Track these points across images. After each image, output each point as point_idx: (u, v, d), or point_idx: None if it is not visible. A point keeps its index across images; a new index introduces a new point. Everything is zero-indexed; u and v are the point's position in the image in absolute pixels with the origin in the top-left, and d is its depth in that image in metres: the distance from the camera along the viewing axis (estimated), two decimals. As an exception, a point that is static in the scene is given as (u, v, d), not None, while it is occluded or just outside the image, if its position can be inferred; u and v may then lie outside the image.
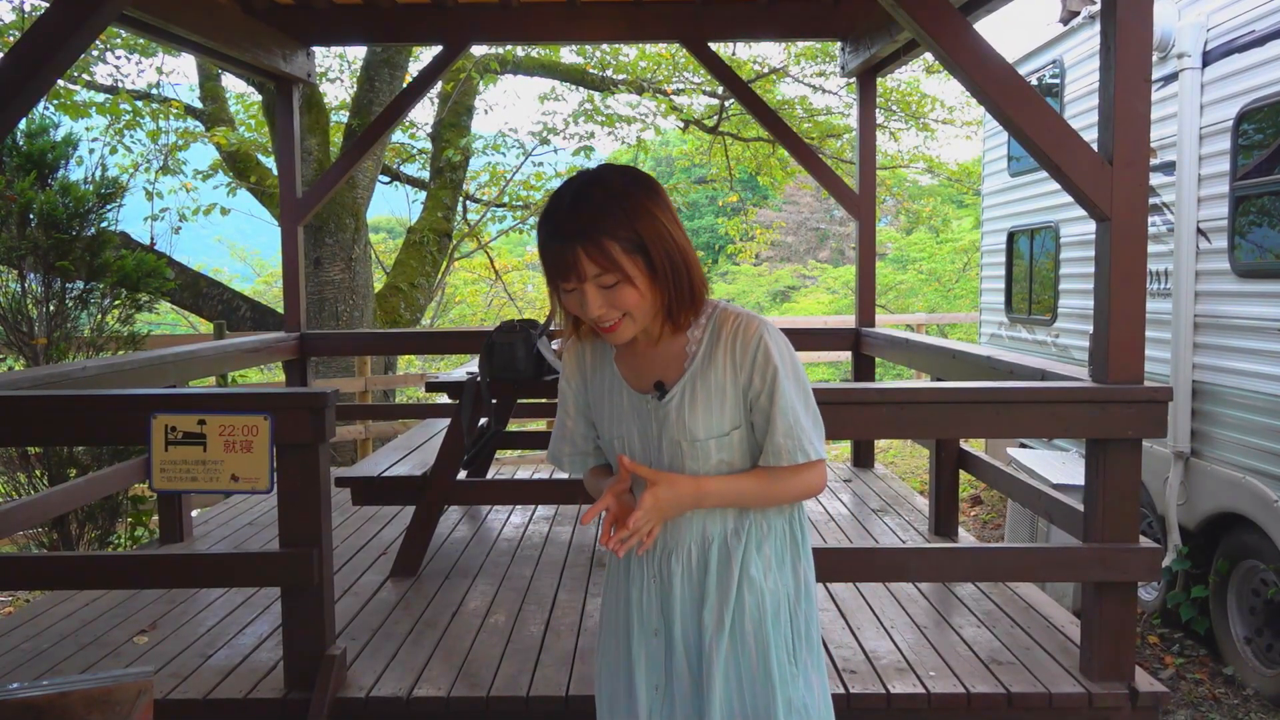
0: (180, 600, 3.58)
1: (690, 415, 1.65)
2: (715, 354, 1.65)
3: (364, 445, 7.89)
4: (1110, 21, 2.69)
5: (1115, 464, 2.74)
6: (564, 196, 1.58)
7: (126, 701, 1.68)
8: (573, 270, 1.56)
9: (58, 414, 2.82)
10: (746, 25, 5.00)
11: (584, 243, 1.54)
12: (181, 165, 9.49)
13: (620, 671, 1.76)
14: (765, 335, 1.64)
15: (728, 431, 1.66)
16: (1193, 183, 4.77)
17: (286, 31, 4.91)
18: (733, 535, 1.70)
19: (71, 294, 5.23)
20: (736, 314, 1.67)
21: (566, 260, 1.55)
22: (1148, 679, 2.81)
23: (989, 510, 7.89)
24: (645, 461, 1.70)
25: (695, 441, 1.65)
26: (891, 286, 18.70)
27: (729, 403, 1.65)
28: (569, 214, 1.56)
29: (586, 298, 1.57)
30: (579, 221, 1.55)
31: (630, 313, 1.60)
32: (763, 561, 1.70)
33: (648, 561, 1.73)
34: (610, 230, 1.54)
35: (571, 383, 1.81)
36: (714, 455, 1.67)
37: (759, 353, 1.63)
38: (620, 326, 1.61)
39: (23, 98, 2.89)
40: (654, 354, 1.70)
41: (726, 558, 1.69)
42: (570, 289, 1.59)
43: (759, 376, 1.64)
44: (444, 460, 3.81)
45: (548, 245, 1.58)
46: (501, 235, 12.41)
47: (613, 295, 1.57)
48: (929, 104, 11.82)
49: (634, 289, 1.58)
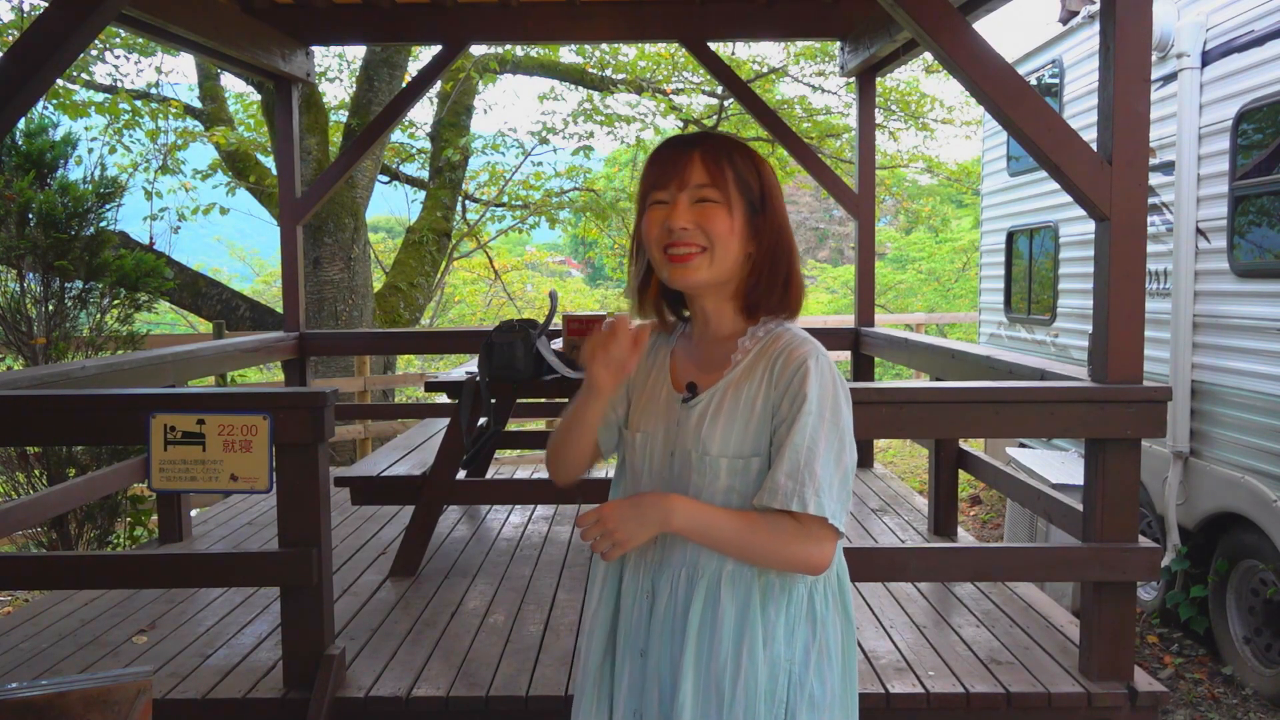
0: (179, 600, 3.58)
1: (710, 426, 1.49)
2: (756, 367, 1.50)
3: (363, 445, 7.88)
4: (1110, 21, 2.69)
5: (1114, 464, 2.74)
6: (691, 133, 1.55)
7: (125, 701, 1.68)
8: (678, 174, 1.47)
9: (57, 414, 2.81)
10: (746, 25, 5.00)
11: (705, 150, 1.48)
12: (180, 165, 9.49)
13: (600, 684, 1.60)
14: (810, 362, 1.45)
15: (746, 456, 1.47)
16: (1192, 182, 4.77)
17: (286, 31, 4.91)
18: (728, 580, 1.48)
19: (70, 293, 5.23)
20: (794, 334, 1.51)
21: (678, 162, 1.47)
22: (1147, 679, 2.81)
23: (988, 510, 7.89)
24: (661, 466, 1.55)
25: (705, 456, 1.48)
26: (891, 286, 18.70)
27: (754, 424, 1.47)
28: (703, 133, 1.53)
29: (676, 207, 1.46)
30: (713, 138, 1.51)
31: (713, 245, 1.46)
32: (766, 626, 1.47)
33: (642, 574, 1.56)
34: (735, 162, 1.48)
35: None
36: (723, 478, 1.48)
37: (797, 377, 1.45)
38: (694, 260, 1.47)
39: (22, 97, 2.89)
40: (700, 354, 1.58)
41: (714, 603, 1.48)
42: (662, 199, 1.48)
43: (787, 402, 1.45)
44: (443, 460, 3.81)
45: (661, 153, 1.51)
46: (501, 235, 12.41)
47: (704, 213, 1.46)
48: (928, 104, 11.83)
49: (727, 218, 1.46)
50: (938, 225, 17.53)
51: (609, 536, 1.46)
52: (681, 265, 1.47)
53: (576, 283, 21.27)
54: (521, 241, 17.43)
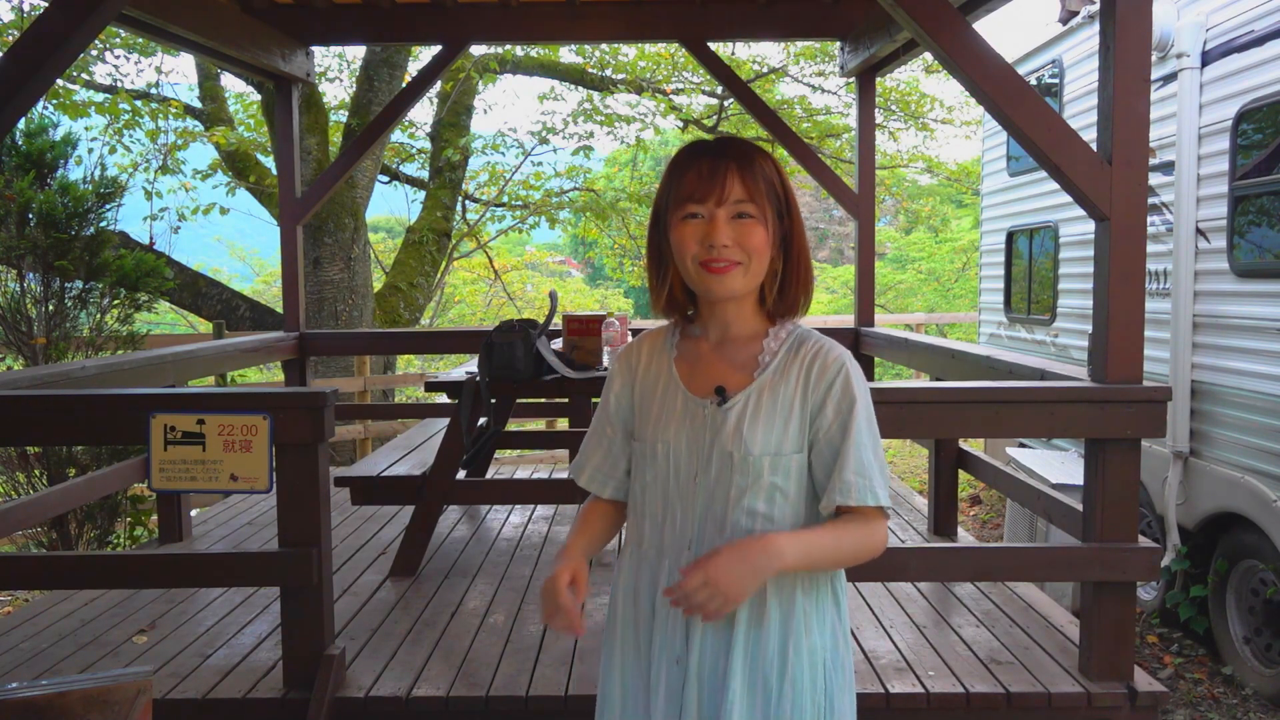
0: (179, 600, 3.58)
1: (750, 427, 1.52)
2: (790, 368, 1.54)
3: (363, 445, 7.89)
4: (1109, 21, 2.69)
5: (1114, 464, 2.75)
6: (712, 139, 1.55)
7: (125, 701, 1.68)
8: (717, 188, 1.48)
9: (57, 414, 2.81)
10: (746, 25, 5.00)
11: (740, 163, 1.48)
12: (180, 165, 9.49)
13: (638, 693, 1.61)
14: (848, 365, 1.54)
15: (787, 453, 1.52)
16: (1192, 182, 4.77)
17: (286, 31, 4.91)
18: (771, 580, 1.51)
19: (70, 293, 5.23)
20: (820, 337, 1.58)
21: (716, 176, 1.48)
22: (1147, 679, 2.81)
23: (988, 510, 7.89)
24: (690, 473, 1.56)
25: (749, 456, 1.51)
26: (891, 286, 18.71)
27: (794, 423, 1.53)
28: (729, 141, 1.53)
29: (717, 223, 1.48)
30: (740, 146, 1.51)
31: (750, 259, 1.50)
32: (805, 618, 1.54)
33: (677, 580, 1.55)
34: (764, 170, 1.51)
35: (617, 381, 1.68)
36: (766, 475, 1.52)
37: (839, 381, 1.52)
38: (732, 272, 1.50)
39: (22, 97, 2.89)
40: (719, 358, 1.59)
41: (760, 603, 1.52)
42: (696, 213, 1.50)
43: (833, 406, 1.52)
44: (443, 460, 3.81)
45: (692, 162, 1.51)
46: (501, 235, 12.41)
47: (742, 230, 1.49)
48: (928, 104, 11.83)
49: (764, 231, 1.49)
50: (938, 225, 17.55)
51: (721, 595, 1.40)
52: (719, 277, 1.51)
53: (576, 283, 21.27)
54: (521, 241, 17.43)
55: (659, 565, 1.60)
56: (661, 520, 1.60)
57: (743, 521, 1.53)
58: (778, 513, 1.54)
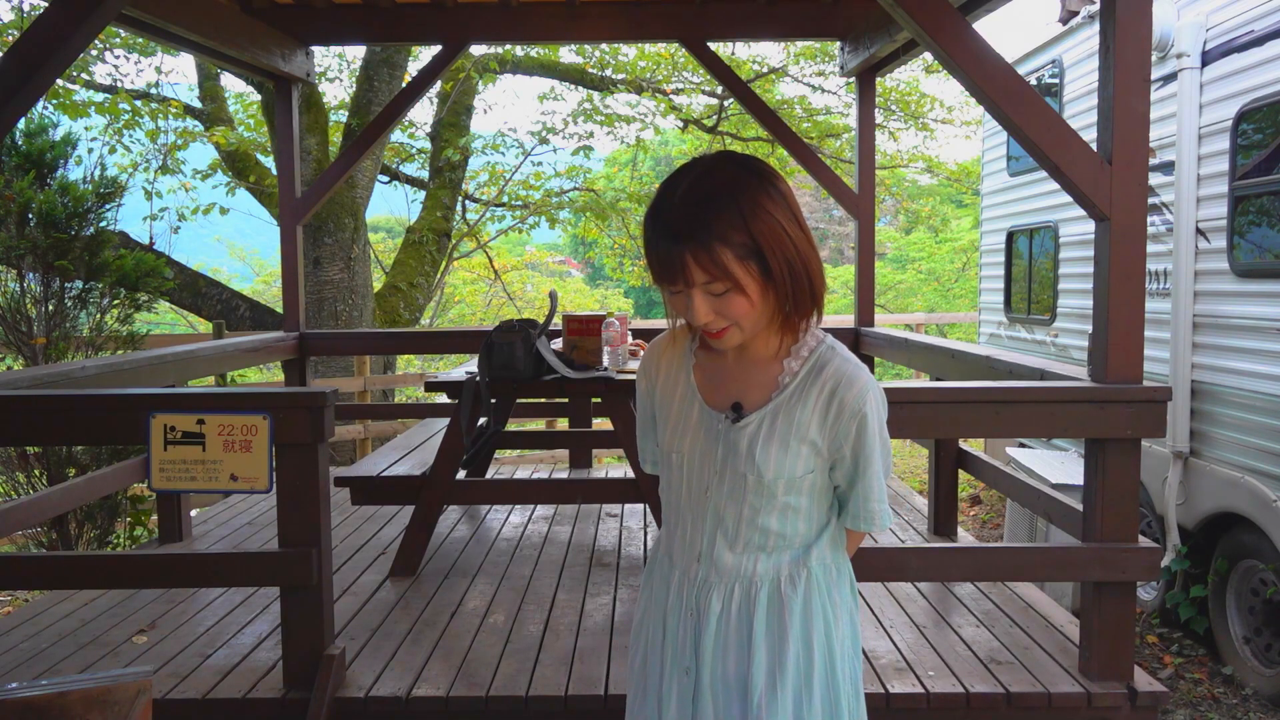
0: (179, 600, 3.58)
1: (763, 451, 1.51)
2: (809, 393, 1.52)
3: (363, 445, 7.89)
4: (1109, 21, 2.69)
5: (1114, 464, 2.75)
6: (675, 189, 1.42)
7: (125, 701, 1.68)
8: (679, 276, 1.42)
9: (57, 414, 2.81)
10: (746, 25, 5.00)
11: (693, 247, 1.39)
12: (180, 165, 9.49)
13: (649, 699, 1.64)
14: (867, 406, 1.51)
15: (800, 475, 1.52)
16: (1192, 182, 4.77)
17: (285, 31, 4.91)
18: (788, 582, 1.55)
19: (70, 293, 5.23)
20: (844, 360, 1.53)
21: (673, 264, 1.41)
22: (1147, 678, 2.81)
23: (988, 510, 7.89)
24: (700, 487, 1.57)
25: (763, 479, 1.51)
26: (890, 286, 18.71)
27: (807, 447, 1.52)
28: (678, 213, 1.40)
29: (693, 304, 1.44)
30: (689, 223, 1.39)
31: (739, 321, 1.46)
32: (827, 610, 1.57)
33: (686, 592, 1.59)
34: (722, 234, 1.38)
35: (641, 384, 1.70)
36: (780, 497, 1.53)
37: (857, 424, 1.52)
38: (728, 333, 1.48)
39: (22, 97, 2.89)
40: (740, 371, 1.57)
41: (779, 607, 1.54)
42: (676, 291, 1.46)
43: (848, 445, 1.53)
44: (443, 460, 3.81)
45: (654, 244, 1.44)
46: (501, 235, 12.41)
47: (722, 304, 1.43)
48: (928, 104, 11.83)
49: (744, 298, 1.43)
50: (938, 225, 17.54)
51: None
52: (719, 339, 1.50)
53: (576, 283, 21.27)
54: (521, 241, 17.43)
55: (671, 574, 1.63)
56: (674, 529, 1.63)
57: (756, 539, 1.55)
58: (790, 529, 1.56)
